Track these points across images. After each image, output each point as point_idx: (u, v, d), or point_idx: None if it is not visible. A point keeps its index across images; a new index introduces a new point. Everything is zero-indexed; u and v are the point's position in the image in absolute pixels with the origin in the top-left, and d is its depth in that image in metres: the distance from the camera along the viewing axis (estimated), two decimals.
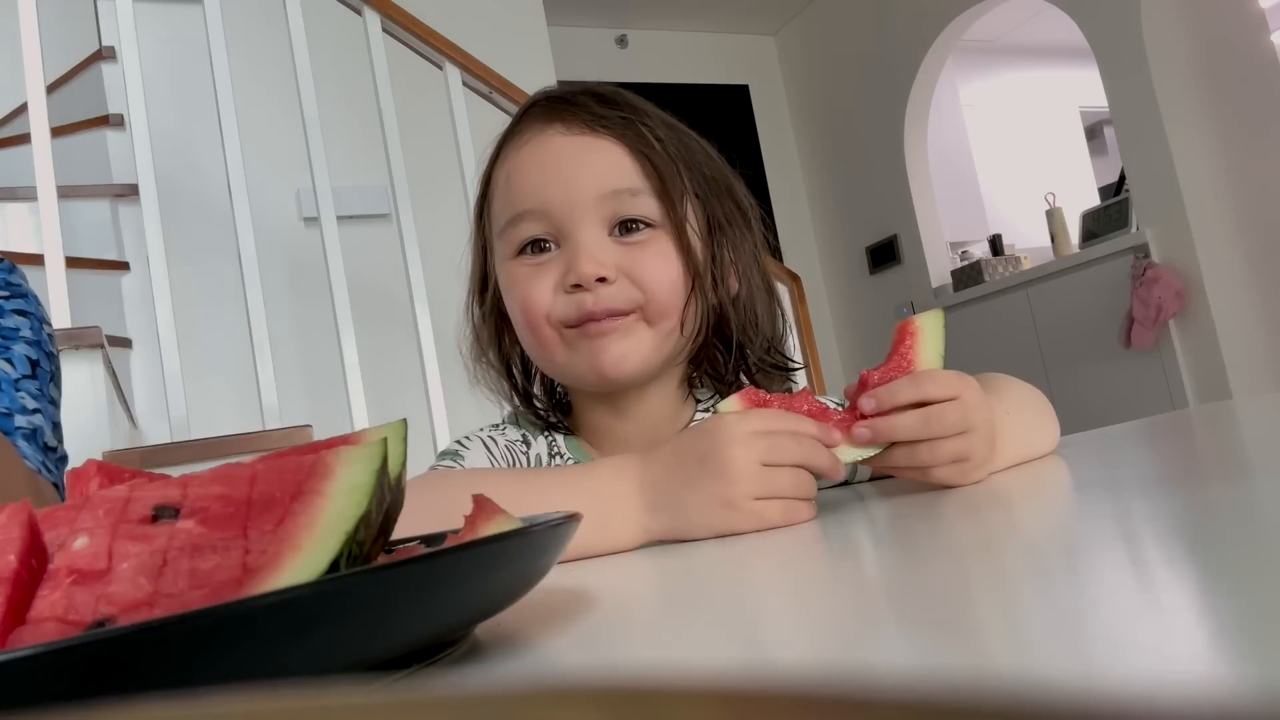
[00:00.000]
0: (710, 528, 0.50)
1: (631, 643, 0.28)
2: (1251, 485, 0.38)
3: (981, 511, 0.44)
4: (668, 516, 0.51)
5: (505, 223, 0.69)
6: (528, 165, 0.68)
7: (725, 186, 0.73)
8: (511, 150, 0.71)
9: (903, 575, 0.32)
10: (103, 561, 0.24)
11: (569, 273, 0.65)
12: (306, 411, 2.27)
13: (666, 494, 0.51)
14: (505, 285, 0.71)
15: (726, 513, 0.50)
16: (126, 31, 1.87)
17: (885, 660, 0.21)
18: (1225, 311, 3.35)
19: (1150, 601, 0.23)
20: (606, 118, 0.68)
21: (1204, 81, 3.45)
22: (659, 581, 0.41)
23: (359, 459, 0.26)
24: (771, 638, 0.26)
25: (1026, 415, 0.62)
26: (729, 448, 0.50)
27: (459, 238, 2.48)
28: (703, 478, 0.50)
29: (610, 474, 0.54)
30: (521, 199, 0.68)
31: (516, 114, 0.73)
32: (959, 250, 4.66)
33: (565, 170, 0.67)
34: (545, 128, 0.69)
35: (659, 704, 0.07)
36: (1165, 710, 0.06)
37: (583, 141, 0.67)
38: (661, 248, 0.67)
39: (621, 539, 0.52)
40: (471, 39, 2.34)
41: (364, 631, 0.22)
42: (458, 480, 0.58)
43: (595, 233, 0.66)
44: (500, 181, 0.71)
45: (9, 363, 0.77)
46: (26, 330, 0.81)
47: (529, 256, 0.68)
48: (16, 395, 0.75)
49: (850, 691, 0.07)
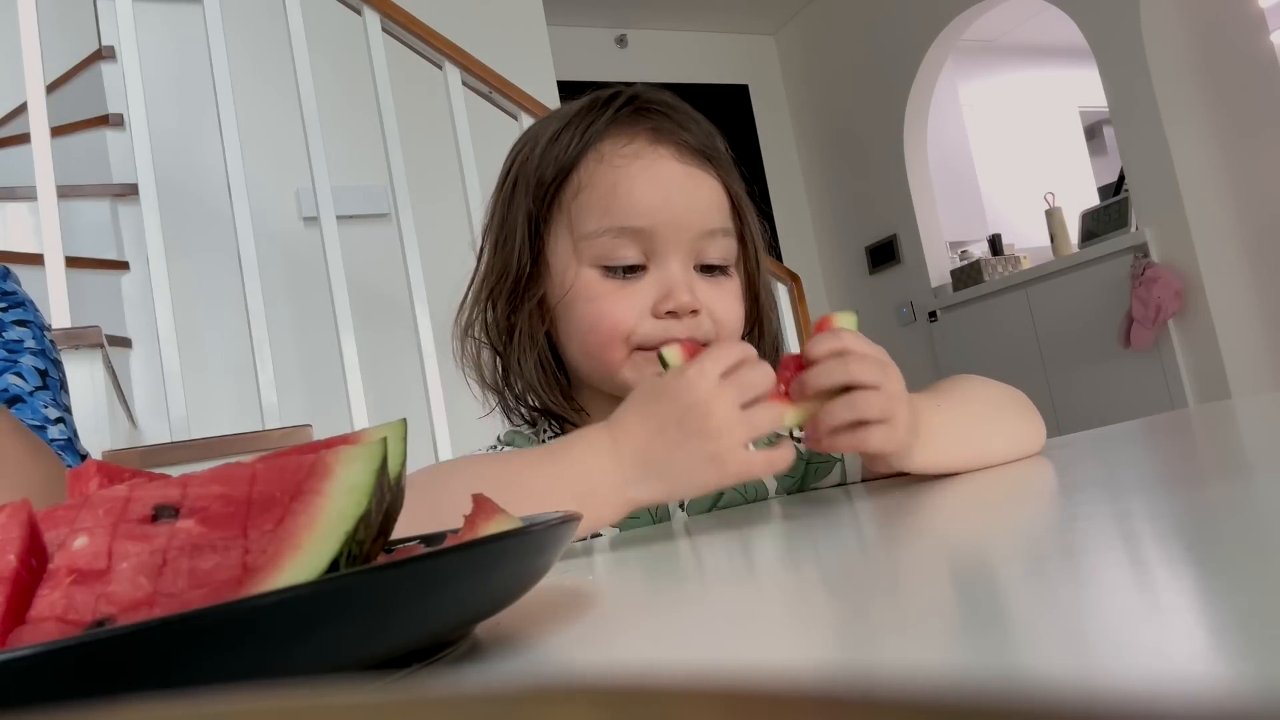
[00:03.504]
0: (698, 487, 0.51)
1: (631, 643, 0.28)
2: (1251, 485, 0.38)
3: (980, 511, 0.44)
4: (654, 485, 0.51)
5: (602, 230, 0.67)
6: (639, 182, 0.67)
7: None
8: (615, 156, 0.68)
9: (902, 575, 0.32)
10: (102, 561, 0.24)
11: (666, 299, 0.66)
12: (306, 411, 2.27)
13: (650, 463, 0.51)
14: (583, 294, 0.68)
15: (715, 469, 0.50)
16: (126, 31, 1.87)
17: (885, 660, 0.21)
18: (1225, 311, 3.35)
19: (1149, 601, 0.23)
20: (710, 149, 0.70)
21: (1204, 81, 3.45)
22: (659, 581, 0.41)
23: (359, 459, 0.26)
24: (771, 638, 0.26)
25: (973, 408, 0.64)
26: (707, 402, 0.50)
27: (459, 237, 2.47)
28: (686, 439, 0.50)
29: (583, 450, 0.53)
30: (629, 215, 0.67)
31: (597, 107, 0.70)
32: (958, 250, 4.66)
33: (676, 199, 0.67)
34: (656, 147, 0.68)
35: (659, 704, 0.07)
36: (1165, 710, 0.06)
37: (693, 173, 0.68)
38: (735, 289, 0.70)
39: (605, 515, 0.52)
40: (471, 39, 2.35)
41: (364, 631, 0.22)
42: (436, 475, 0.58)
43: (685, 264, 0.68)
44: (598, 186, 0.68)
45: (20, 376, 0.76)
46: (30, 340, 0.80)
47: (616, 276, 0.67)
48: (40, 408, 0.75)
49: (850, 691, 0.07)
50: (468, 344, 0.75)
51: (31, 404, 0.74)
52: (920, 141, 4.52)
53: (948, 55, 4.43)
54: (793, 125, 5.26)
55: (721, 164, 0.71)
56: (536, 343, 0.71)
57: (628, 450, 0.52)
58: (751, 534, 0.50)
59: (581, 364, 0.71)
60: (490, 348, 0.74)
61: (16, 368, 0.77)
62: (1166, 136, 3.38)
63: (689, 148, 0.69)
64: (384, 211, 2.58)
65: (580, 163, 0.69)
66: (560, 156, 0.70)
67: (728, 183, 0.71)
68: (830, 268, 5.10)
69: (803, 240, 5.14)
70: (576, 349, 0.70)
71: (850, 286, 4.97)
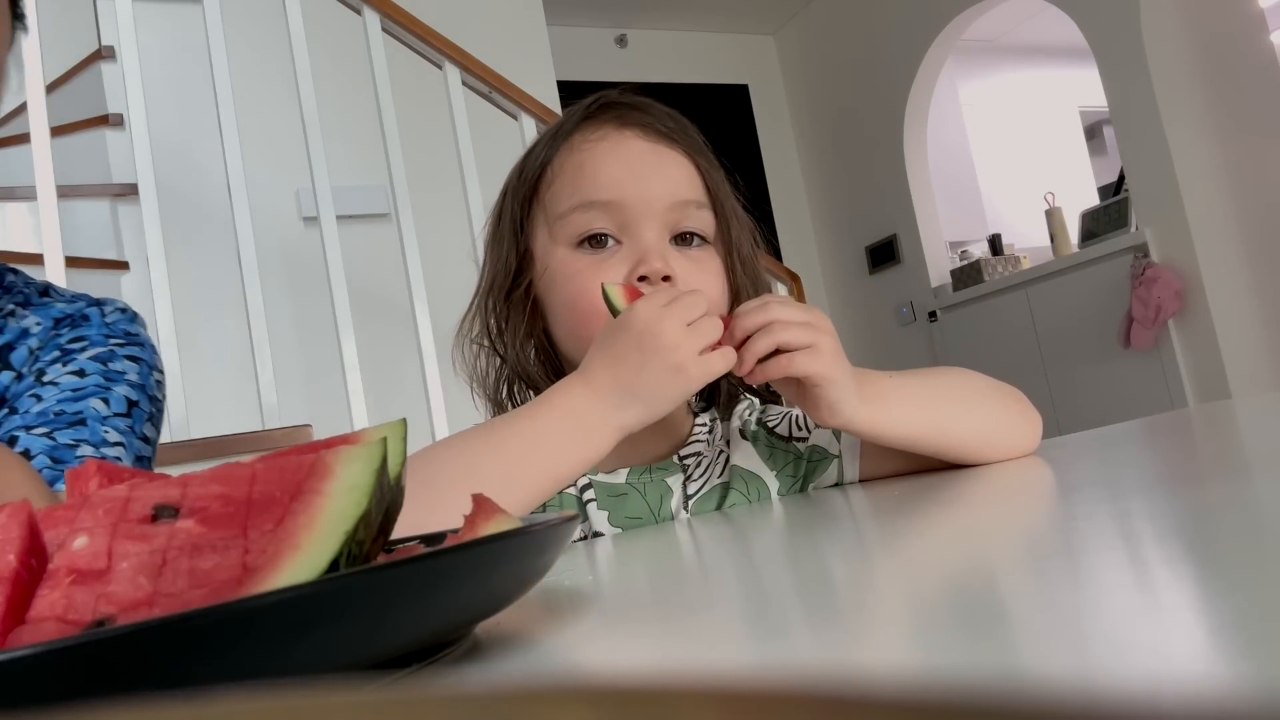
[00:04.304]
0: (672, 398, 0.58)
1: (631, 643, 0.28)
2: (1251, 485, 0.38)
3: (980, 511, 0.44)
4: (634, 407, 0.57)
5: (572, 208, 0.69)
6: (605, 159, 0.70)
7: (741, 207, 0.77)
8: (583, 143, 0.71)
9: (902, 575, 0.32)
10: (102, 561, 0.24)
11: (639, 265, 0.67)
12: (306, 411, 2.27)
13: (624, 388, 0.57)
14: (560, 273, 0.70)
15: (680, 377, 0.57)
16: (126, 31, 1.87)
17: (885, 660, 0.21)
18: (1224, 311, 3.35)
19: (1149, 601, 0.23)
20: (677, 132, 0.72)
21: (1204, 81, 3.45)
22: (659, 581, 0.41)
23: (358, 459, 0.26)
24: (771, 638, 0.26)
25: (938, 388, 0.67)
26: (658, 322, 0.57)
27: (459, 237, 2.47)
28: (648, 358, 0.57)
29: (562, 396, 0.59)
30: (596, 189, 0.69)
31: (575, 111, 0.74)
32: (958, 250, 4.66)
33: (642, 171, 0.69)
34: (622, 129, 0.71)
35: (659, 704, 0.07)
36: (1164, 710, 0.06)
37: (659, 149, 0.71)
38: (714, 265, 0.71)
39: (598, 446, 0.58)
40: (471, 39, 2.34)
41: (364, 631, 0.22)
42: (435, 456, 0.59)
43: (659, 236, 0.69)
44: (568, 170, 0.71)
45: (104, 401, 0.77)
46: (133, 374, 0.82)
47: (588, 251, 0.69)
48: (100, 429, 0.75)
49: (850, 691, 0.07)
50: (468, 352, 0.76)
51: (92, 426, 0.75)
52: (920, 141, 4.51)
53: (948, 55, 4.43)
54: (792, 125, 5.26)
55: (692, 146, 0.72)
56: (533, 333, 0.73)
57: (601, 384, 0.58)
58: (751, 534, 0.50)
59: (570, 346, 0.72)
60: (491, 349, 0.75)
61: (107, 394, 0.78)
62: (1166, 136, 3.38)
63: (654, 129, 0.71)
64: (384, 211, 2.58)
65: (554, 158, 0.72)
66: (537, 158, 0.73)
67: (698, 161, 0.72)
68: (830, 268, 5.10)
69: (803, 240, 5.13)
70: (563, 331, 0.72)
71: (850, 286, 4.96)
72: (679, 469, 0.71)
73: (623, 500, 0.69)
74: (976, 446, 0.65)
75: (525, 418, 0.59)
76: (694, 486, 0.71)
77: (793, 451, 0.73)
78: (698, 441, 0.73)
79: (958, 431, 0.65)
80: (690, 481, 0.71)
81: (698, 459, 0.72)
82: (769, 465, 0.73)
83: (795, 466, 0.73)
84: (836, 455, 0.73)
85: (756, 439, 0.74)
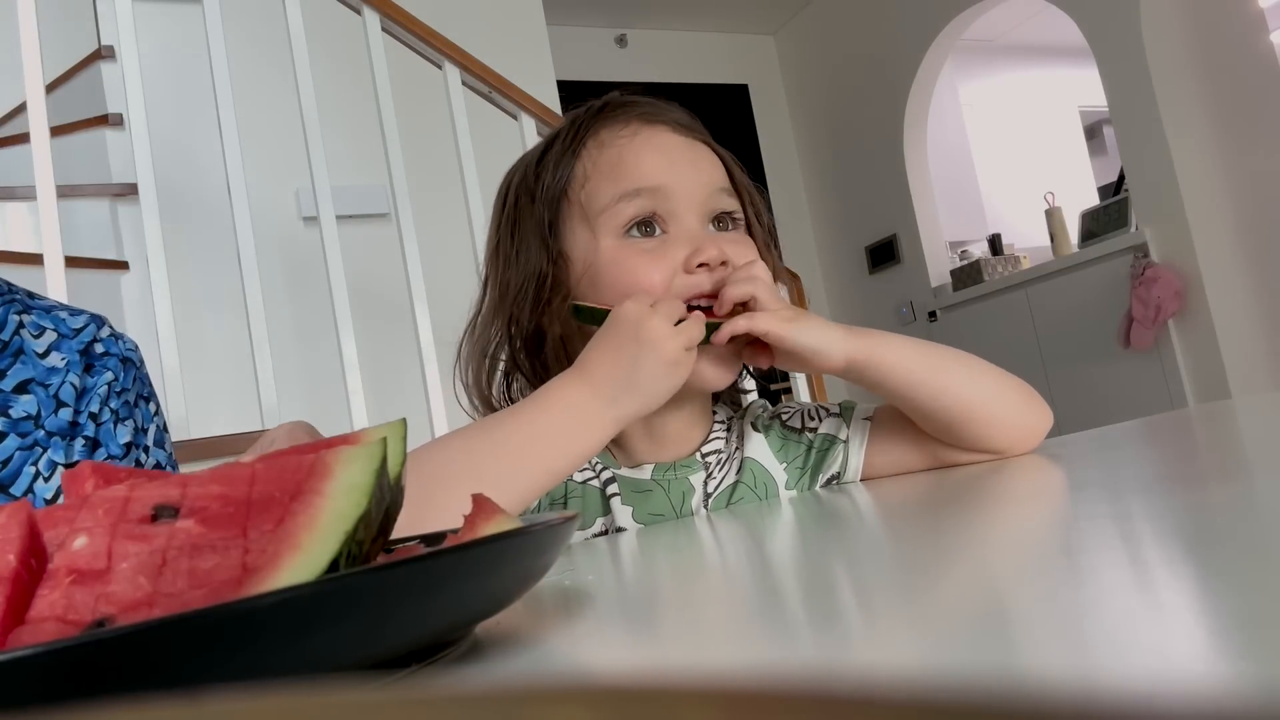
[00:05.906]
0: (666, 390, 0.60)
1: (631, 643, 0.28)
2: (1251, 485, 0.38)
3: (980, 511, 0.44)
4: (632, 399, 0.60)
5: (616, 198, 0.68)
6: (643, 151, 0.70)
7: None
8: (615, 139, 0.71)
9: (902, 575, 0.32)
10: (102, 561, 0.24)
11: (697, 253, 0.67)
12: (306, 411, 2.26)
13: (621, 382, 0.59)
14: (612, 261, 0.68)
15: (674, 370, 0.60)
16: (126, 31, 1.87)
17: (885, 660, 0.21)
18: (1224, 311, 3.35)
19: (1149, 601, 0.23)
20: (699, 129, 0.74)
21: (1203, 81, 3.45)
22: (659, 581, 0.41)
23: (358, 459, 0.26)
24: (771, 637, 0.26)
25: (939, 352, 0.69)
26: (646, 323, 0.59)
27: (459, 236, 2.46)
28: (642, 354, 0.59)
29: (559, 391, 0.60)
30: (640, 177, 0.68)
31: (582, 116, 0.73)
32: (958, 250, 4.66)
33: (680, 159, 0.70)
34: (652, 123, 0.72)
35: (658, 704, 0.07)
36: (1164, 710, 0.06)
37: (691, 143, 0.72)
38: (753, 246, 0.72)
39: (596, 438, 0.59)
40: (471, 38, 2.34)
41: (364, 631, 0.22)
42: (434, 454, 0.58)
43: (701, 223, 0.70)
44: (603, 166, 0.70)
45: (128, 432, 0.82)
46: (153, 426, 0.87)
47: (639, 239, 0.68)
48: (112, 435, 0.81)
49: (850, 691, 0.07)
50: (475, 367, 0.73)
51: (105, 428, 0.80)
52: (920, 141, 4.51)
53: (948, 55, 4.43)
54: (792, 125, 5.26)
55: (711, 140, 0.74)
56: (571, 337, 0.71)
57: (598, 378, 0.60)
58: (751, 533, 0.50)
59: None
60: (511, 361, 0.73)
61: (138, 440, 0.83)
62: (1166, 136, 3.38)
63: (681, 125, 0.73)
64: (384, 211, 2.58)
65: (581, 156, 0.71)
66: (560, 160, 0.71)
67: (719, 152, 0.74)
68: (830, 268, 5.10)
69: (802, 240, 5.13)
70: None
71: (850, 286, 4.96)
72: (701, 466, 0.72)
73: (647, 497, 0.69)
74: (976, 407, 0.66)
75: (523, 414, 0.60)
76: (713, 484, 0.72)
77: (804, 442, 0.75)
78: (717, 439, 0.74)
79: (955, 385, 0.66)
80: (710, 479, 0.71)
81: (717, 456, 0.73)
82: (779, 458, 0.74)
83: (805, 458, 0.74)
84: (844, 440, 0.73)
85: (769, 430, 0.75)
